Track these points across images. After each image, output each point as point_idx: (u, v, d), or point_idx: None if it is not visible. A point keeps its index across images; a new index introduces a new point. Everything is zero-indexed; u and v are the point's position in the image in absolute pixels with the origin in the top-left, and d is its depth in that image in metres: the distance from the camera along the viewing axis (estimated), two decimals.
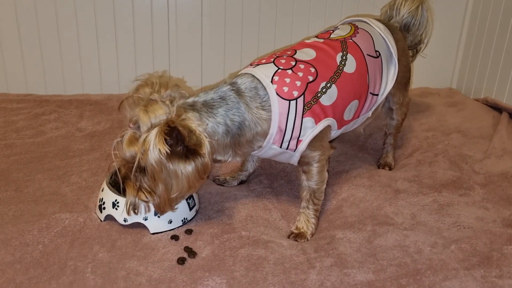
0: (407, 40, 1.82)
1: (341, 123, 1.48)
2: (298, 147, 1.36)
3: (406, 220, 1.43)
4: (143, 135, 1.19)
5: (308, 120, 1.35)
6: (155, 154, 1.16)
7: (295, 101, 1.33)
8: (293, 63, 1.39)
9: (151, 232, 1.36)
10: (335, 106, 1.41)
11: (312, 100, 1.35)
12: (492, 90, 2.36)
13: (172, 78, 2.43)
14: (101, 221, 1.41)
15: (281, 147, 1.37)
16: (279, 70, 1.36)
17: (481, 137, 2.02)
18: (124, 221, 1.37)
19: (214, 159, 1.31)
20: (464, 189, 1.62)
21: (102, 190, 1.43)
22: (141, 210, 1.33)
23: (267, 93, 1.32)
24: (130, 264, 1.22)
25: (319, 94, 1.37)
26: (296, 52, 1.44)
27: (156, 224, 1.36)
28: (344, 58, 1.46)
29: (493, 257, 1.24)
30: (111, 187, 1.41)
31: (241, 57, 2.50)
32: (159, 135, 1.15)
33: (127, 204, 1.31)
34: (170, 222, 1.38)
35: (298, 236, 1.39)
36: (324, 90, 1.38)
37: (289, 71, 1.36)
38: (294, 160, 1.41)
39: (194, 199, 1.46)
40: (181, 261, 1.24)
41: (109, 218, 1.40)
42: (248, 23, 2.45)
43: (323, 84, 1.39)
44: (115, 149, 1.27)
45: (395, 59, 1.60)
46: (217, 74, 2.49)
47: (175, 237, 1.35)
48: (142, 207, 1.33)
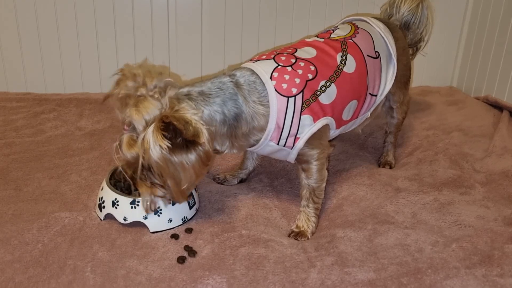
0: (407, 38, 1.81)
1: (340, 123, 1.47)
2: (296, 145, 1.36)
3: (407, 219, 1.43)
4: (141, 135, 1.18)
5: (306, 118, 1.34)
6: (157, 151, 1.15)
7: (294, 98, 1.32)
8: (293, 61, 1.38)
9: (151, 231, 1.36)
10: (334, 105, 1.41)
11: (311, 98, 1.35)
12: (493, 89, 2.36)
13: (155, 66, 2.38)
14: (101, 220, 1.40)
15: (279, 144, 1.36)
16: (279, 67, 1.35)
17: (482, 136, 2.01)
18: (124, 220, 1.36)
19: (214, 148, 1.29)
20: (465, 188, 1.61)
21: (102, 189, 1.43)
22: (160, 205, 1.34)
23: (266, 89, 1.31)
24: (130, 263, 1.22)
25: (318, 93, 1.37)
26: (297, 50, 1.43)
27: (156, 223, 1.36)
28: (344, 58, 1.45)
29: (494, 256, 1.24)
30: (111, 186, 1.41)
31: (241, 57, 2.49)
32: (156, 132, 1.14)
33: (144, 203, 1.30)
34: (170, 221, 1.38)
35: (299, 235, 1.38)
36: (324, 89, 1.38)
37: (289, 68, 1.35)
38: (291, 158, 1.40)
39: (194, 198, 1.45)
40: (181, 260, 1.24)
41: (109, 217, 1.39)
42: (248, 22, 2.44)
43: (323, 83, 1.38)
44: (116, 154, 1.26)
45: (394, 60, 1.59)
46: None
47: (175, 236, 1.34)
48: (161, 202, 1.33)
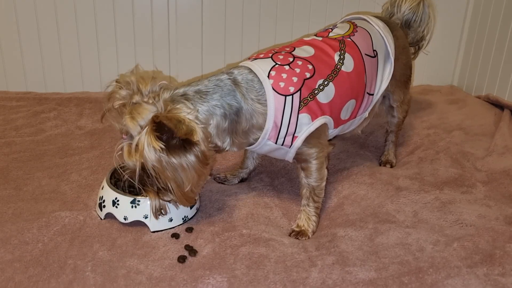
0: (409, 37, 1.81)
1: (338, 122, 1.47)
2: (294, 144, 1.35)
3: (408, 218, 1.42)
4: (135, 140, 1.17)
5: (304, 117, 1.34)
6: (152, 154, 1.15)
7: (291, 97, 1.32)
8: (291, 59, 1.38)
9: (152, 231, 1.36)
10: (332, 104, 1.40)
11: (309, 97, 1.34)
12: (494, 87, 2.35)
13: (147, 72, 2.41)
14: (101, 219, 1.40)
15: (277, 143, 1.36)
16: (276, 66, 1.35)
17: (483, 135, 2.01)
18: (124, 219, 1.36)
19: (215, 145, 1.29)
20: (466, 187, 1.61)
21: (102, 188, 1.42)
22: (168, 209, 1.34)
23: (263, 87, 1.31)
24: (131, 263, 1.22)
25: (316, 91, 1.36)
26: (295, 49, 1.43)
27: (157, 222, 1.36)
28: (342, 57, 1.45)
29: (496, 255, 1.23)
30: (111, 185, 1.41)
31: (242, 56, 2.49)
32: (149, 134, 1.14)
33: (153, 209, 1.30)
34: (171, 220, 1.37)
35: (299, 234, 1.38)
36: (321, 88, 1.37)
37: (287, 67, 1.35)
38: (289, 157, 1.40)
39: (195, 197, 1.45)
40: (182, 260, 1.23)
41: (109, 216, 1.39)
42: (249, 21, 2.44)
43: (320, 82, 1.38)
44: (120, 162, 1.26)
45: (392, 58, 1.59)
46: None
47: (176, 235, 1.34)
48: (170, 206, 1.34)
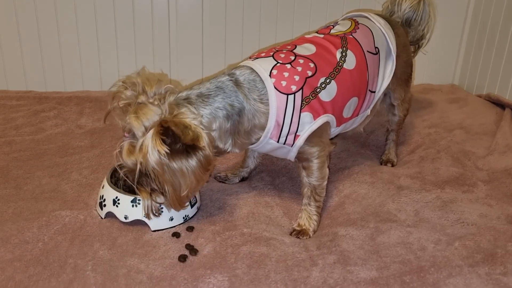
0: (409, 36, 1.80)
1: (340, 121, 1.46)
2: (296, 142, 1.35)
3: (409, 217, 1.42)
4: (139, 141, 1.17)
5: (306, 115, 1.33)
6: (155, 157, 1.15)
7: (293, 96, 1.31)
8: (293, 58, 1.37)
9: (152, 230, 1.35)
10: (335, 103, 1.40)
11: (311, 95, 1.34)
12: (495, 86, 2.35)
13: (153, 74, 2.43)
14: (102, 219, 1.40)
15: (278, 142, 1.35)
16: (278, 64, 1.34)
17: (484, 134, 2.01)
18: (125, 218, 1.36)
19: (216, 147, 1.29)
20: (467, 186, 1.60)
21: (103, 187, 1.42)
22: (162, 210, 1.34)
23: (265, 87, 1.31)
24: (131, 262, 1.22)
25: (318, 90, 1.36)
26: (296, 47, 1.42)
27: (157, 222, 1.35)
28: (344, 55, 1.44)
29: (497, 254, 1.23)
30: (112, 184, 1.40)
31: (242, 56, 2.48)
32: (155, 137, 1.14)
33: (145, 208, 1.30)
34: (171, 220, 1.37)
35: (300, 233, 1.37)
36: (323, 86, 1.37)
37: (288, 66, 1.34)
38: (291, 156, 1.40)
39: (196, 196, 1.44)
40: (183, 259, 1.23)
41: (110, 216, 1.39)
42: (249, 21, 2.43)
43: (322, 80, 1.37)
44: (117, 161, 1.25)
45: (394, 56, 1.58)
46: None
47: (176, 235, 1.34)
48: (164, 205, 1.33)
